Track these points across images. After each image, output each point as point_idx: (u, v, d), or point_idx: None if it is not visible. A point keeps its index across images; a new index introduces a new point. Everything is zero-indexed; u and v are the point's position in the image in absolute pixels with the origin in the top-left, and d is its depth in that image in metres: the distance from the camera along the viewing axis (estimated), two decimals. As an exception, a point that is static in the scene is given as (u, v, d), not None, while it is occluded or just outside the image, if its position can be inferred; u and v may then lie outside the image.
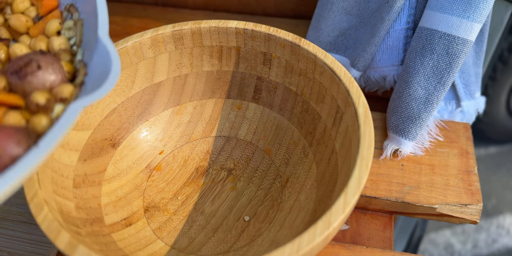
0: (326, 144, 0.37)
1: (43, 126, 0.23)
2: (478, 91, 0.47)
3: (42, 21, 0.31)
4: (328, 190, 0.34)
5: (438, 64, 0.40)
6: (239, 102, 0.43)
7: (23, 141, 0.22)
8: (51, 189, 0.30)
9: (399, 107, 0.42)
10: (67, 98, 0.25)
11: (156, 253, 0.35)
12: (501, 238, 1.12)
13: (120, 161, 0.40)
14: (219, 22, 0.38)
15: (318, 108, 0.38)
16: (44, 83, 0.25)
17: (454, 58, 0.39)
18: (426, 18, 0.41)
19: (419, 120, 0.41)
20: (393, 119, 0.42)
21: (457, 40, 0.39)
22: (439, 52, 0.40)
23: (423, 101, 0.41)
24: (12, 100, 0.25)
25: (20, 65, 0.25)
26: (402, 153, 0.42)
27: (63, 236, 0.27)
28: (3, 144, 0.21)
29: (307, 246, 0.25)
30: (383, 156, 0.42)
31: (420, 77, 0.40)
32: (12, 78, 0.25)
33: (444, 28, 0.39)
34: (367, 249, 0.37)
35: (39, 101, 0.24)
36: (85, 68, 0.26)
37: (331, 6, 0.46)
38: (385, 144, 0.43)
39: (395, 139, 0.42)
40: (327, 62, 0.35)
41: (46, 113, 0.24)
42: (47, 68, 0.25)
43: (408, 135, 0.41)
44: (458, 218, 0.39)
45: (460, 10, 0.38)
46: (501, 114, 1.20)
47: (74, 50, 0.29)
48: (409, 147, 0.42)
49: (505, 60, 1.09)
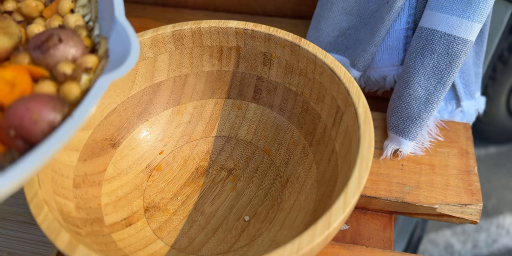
0: (326, 144, 0.37)
1: (74, 94, 0.24)
2: (478, 91, 0.47)
3: (54, 3, 0.31)
4: (328, 190, 0.34)
5: (438, 64, 0.40)
6: (239, 102, 0.43)
7: (58, 107, 0.23)
8: (51, 189, 0.30)
9: (399, 107, 0.42)
10: (92, 67, 0.25)
11: (156, 253, 0.35)
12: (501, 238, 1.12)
13: (120, 161, 0.40)
14: (219, 22, 0.38)
15: (318, 108, 0.38)
16: (67, 56, 0.26)
17: (454, 58, 0.39)
18: (426, 18, 0.41)
19: (419, 120, 0.41)
20: (393, 119, 0.42)
21: (457, 40, 0.39)
22: (439, 52, 0.40)
23: (423, 101, 0.41)
24: (39, 71, 0.25)
25: (42, 40, 0.26)
26: (402, 153, 0.42)
27: (63, 236, 0.27)
28: (39, 110, 0.22)
29: (307, 246, 0.25)
30: (383, 156, 0.42)
31: (420, 77, 0.40)
32: (35, 53, 0.26)
33: (444, 28, 0.39)
34: (367, 249, 0.37)
35: (65, 71, 0.25)
36: (105, 40, 0.27)
37: (331, 6, 0.46)
38: (385, 144, 0.43)
39: (395, 139, 0.42)
40: (327, 62, 0.35)
41: (75, 82, 0.25)
42: (67, 40, 0.26)
43: (408, 135, 0.41)
44: (458, 218, 0.39)
45: (460, 10, 0.38)
46: (501, 114, 1.20)
47: (90, 26, 0.29)
48: (409, 147, 0.42)
49: (505, 60, 1.09)
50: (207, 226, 0.38)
